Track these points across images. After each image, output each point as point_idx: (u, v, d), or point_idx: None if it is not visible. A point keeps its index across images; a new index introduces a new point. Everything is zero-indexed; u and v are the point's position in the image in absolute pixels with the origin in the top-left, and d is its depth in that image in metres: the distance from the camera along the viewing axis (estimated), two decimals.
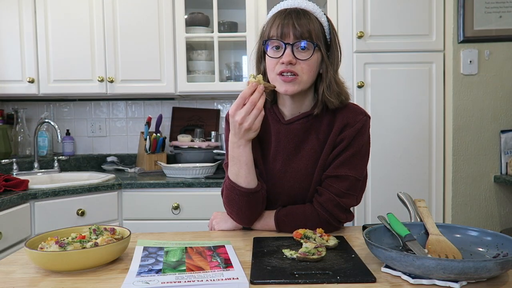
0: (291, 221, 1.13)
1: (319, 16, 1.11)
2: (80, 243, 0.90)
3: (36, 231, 1.98)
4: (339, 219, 1.14)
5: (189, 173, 2.32)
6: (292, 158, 1.17)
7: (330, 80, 1.12)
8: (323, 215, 1.12)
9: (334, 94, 1.12)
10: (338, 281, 0.77)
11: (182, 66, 2.50)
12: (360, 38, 2.20)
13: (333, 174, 1.13)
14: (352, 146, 1.13)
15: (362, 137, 1.14)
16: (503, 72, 2.17)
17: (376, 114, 2.23)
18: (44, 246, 0.89)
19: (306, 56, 1.07)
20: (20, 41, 2.42)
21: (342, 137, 1.13)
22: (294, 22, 1.06)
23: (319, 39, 1.08)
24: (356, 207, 2.24)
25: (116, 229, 0.99)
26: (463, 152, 2.19)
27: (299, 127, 1.17)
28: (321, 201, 1.13)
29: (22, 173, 2.46)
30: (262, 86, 1.02)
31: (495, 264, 0.71)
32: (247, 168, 1.08)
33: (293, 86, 1.09)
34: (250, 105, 1.00)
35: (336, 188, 1.12)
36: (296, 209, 1.15)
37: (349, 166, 1.12)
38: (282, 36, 1.07)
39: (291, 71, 1.07)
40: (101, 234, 0.96)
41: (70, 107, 2.89)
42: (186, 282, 0.76)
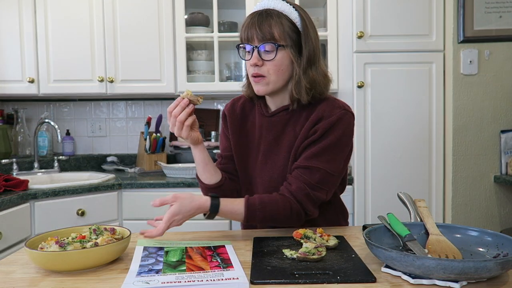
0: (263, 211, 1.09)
1: (289, 14, 1.13)
2: (80, 243, 0.89)
3: (36, 231, 1.97)
4: (307, 211, 1.12)
5: (189, 173, 2.32)
6: (272, 149, 1.22)
7: (299, 77, 1.14)
8: (295, 205, 1.11)
9: (304, 91, 1.14)
10: (338, 281, 0.77)
11: (182, 66, 2.50)
12: (360, 38, 2.20)
13: (304, 165, 1.12)
14: (326, 139, 1.12)
15: (337, 131, 1.13)
16: (503, 72, 2.17)
17: (376, 114, 2.23)
18: (44, 246, 0.89)
19: (270, 57, 1.11)
20: (20, 41, 2.42)
21: (315, 128, 1.13)
22: (256, 26, 1.10)
23: (284, 39, 1.11)
24: (356, 207, 2.24)
25: (116, 229, 0.99)
26: (463, 152, 2.19)
27: (279, 120, 1.21)
28: (291, 190, 1.11)
29: (22, 173, 2.46)
30: (186, 100, 1.11)
31: (495, 264, 0.71)
32: (202, 167, 1.22)
33: (262, 86, 1.14)
34: (173, 118, 1.12)
35: (307, 179, 1.11)
36: (268, 197, 1.12)
37: (321, 158, 1.12)
38: (248, 39, 1.13)
39: (259, 74, 1.13)
40: (101, 234, 0.96)
41: (70, 107, 2.89)
42: (186, 282, 0.76)
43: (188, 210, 1.04)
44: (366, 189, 2.25)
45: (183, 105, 1.11)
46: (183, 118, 1.11)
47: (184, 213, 1.04)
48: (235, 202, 1.10)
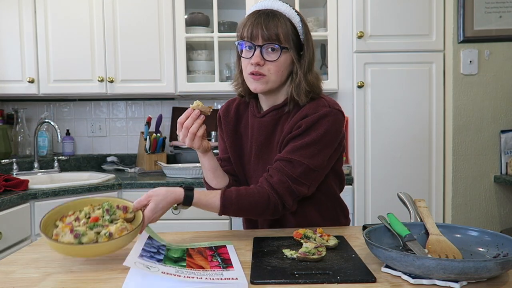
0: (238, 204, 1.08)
1: (291, 17, 1.14)
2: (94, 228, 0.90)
3: (36, 231, 1.97)
4: (285, 205, 1.12)
5: (189, 173, 2.32)
6: (263, 150, 1.23)
7: (300, 80, 1.16)
8: (273, 197, 1.10)
9: (303, 93, 1.16)
10: (338, 281, 0.77)
11: (182, 66, 2.50)
12: (360, 38, 2.20)
13: (286, 158, 1.12)
14: (310, 134, 1.12)
15: (321, 127, 1.12)
16: (503, 72, 2.17)
17: (376, 114, 2.23)
18: (59, 233, 0.89)
19: (273, 58, 1.12)
20: (20, 41, 2.42)
21: (299, 123, 1.14)
22: (262, 25, 1.11)
23: (287, 41, 1.13)
24: (356, 207, 2.24)
25: (129, 207, 1.00)
26: (463, 152, 2.19)
27: (269, 120, 1.22)
28: (272, 182, 1.11)
29: (22, 173, 2.46)
30: (197, 111, 1.13)
31: (495, 264, 0.71)
32: (211, 173, 1.25)
33: (261, 84, 1.15)
34: (184, 130, 1.14)
35: (288, 172, 1.11)
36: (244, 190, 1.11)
37: (304, 153, 1.11)
38: (251, 37, 1.12)
39: (259, 72, 1.13)
40: (114, 214, 0.96)
41: (70, 107, 2.89)
42: (186, 277, 0.76)
43: (165, 206, 1.03)
44: (366, 189, 2.25)
45: (194, 116, 1.13)
46: (195, 129, 1.13)
47: (160, 209, 1.03)
48: (211, 195, 1.09)
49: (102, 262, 0.92)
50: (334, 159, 1.21)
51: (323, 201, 1.25)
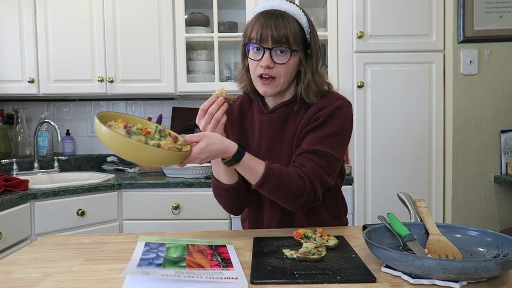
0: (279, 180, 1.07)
1: (299, 18, 1.14)
2: (145, 137, 0.91)
3: (36, 231, 1.97)
4: (316, 195, 1.12)
5: (189, 173, 2.32)
6: (274, 145, 1.22)
7: (309, 82, 1.16)
8: (308, 185, 1.09)
9: (313, 94, 1.17)
10: (338, 281, 0.77)
11: (182, 66, 2.50)
12: (360, 38, 2.20)
13: (312, 149, 1.12)
14: (330, 125, 1.14)
15: (340, 118, 1.15)
16: (503, 72, 2.17)
17: (376, 114, 2.23)
18: (113, 125, 0.90)
19: (283, 60, 1.12)
20: (20, 41, 2.42)
21: (317, 115, 1.15)
22: (272, 27, 1.09)
23: (297, 43, 1.12)
24: (356, 207, 2.24)
25: (179, 138, 1.00)
26: (463, 152, 2.19)
27: (279, 116, 1.22)
28: (305, 171, 1.10)
29: (22, 173, 2.46)
30: (222, 98, 1.11)
31: (495, 264, 0.71)
32: (224, 168, 1.16)
33: (271, 88, 1.15)
34: (208, 116, 1.10)
35: (317, 163, 1.11)
36: (286, 169, 1.10)
37: (328, 144, 1.12)
38: (261, 40, 1.11)
39: (269, 75, 1.13)
40: (164, 137, 0.96)
41: (70, 107, 2.89)
42: (186, 277, 0.76)
43: (214, 151, 1.00)
44: (366, 189, 2.25)
45: (219, 103, 1.11)
46: (219, 116, 1.10)
47: (209, 152, 0.99)
48: (257, 160, 1.07)
49: (102, 262, 0.92)
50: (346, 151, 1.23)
51: (329, 198, 1.24)
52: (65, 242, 1.10)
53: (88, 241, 1.10)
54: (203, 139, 0.99)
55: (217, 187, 1.22)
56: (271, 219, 1.26)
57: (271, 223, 1.26)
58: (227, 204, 1.24)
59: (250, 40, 1.14)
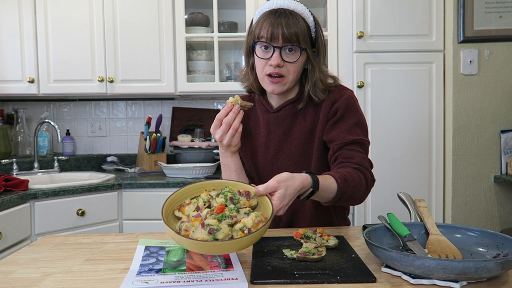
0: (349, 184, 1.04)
1: (306, 17, 1.15)
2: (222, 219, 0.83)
3: (36, 231, 1.97)
4: (374, 179, 1.14)
5: (189, 173, 2.32)
6: (283, 144, 1.22)
7: (316, 80, 1.17)
8: (368, 175, 1.11)
9: (319, 91, 1.17)
10: (338, 281, 0.77)
11: (182, 66, 2.50)
12: (360, 38, 2.20)
13: (349, 140, 1.13)
14: (351, 117, 1.16)
15: (355, 109, 1.18)
16: (503, 72, 2.17)
17: (376, 114, 2.23)
18: (189, 228, 0.82)
19: (293, 59, 1.12)
20: (20, 41, 2.42)
21: (334, 109, 1.16)
22: (283, 25, 1.09)
23: (305, 42, 1.13)
24: (356, 207, 2.24)
25: (251, 191, 0.91)
26: (463, 152, 2.19)
27: (286, 114, 1.22)
28: (356, 162, 1.11)
29: (22, 173, 2.46)
30: (238, 106, 1.09)
31: (495, 264, 0.71)
32: (237, 174, 1.20)
33: (279, 86, 1.15)
34: (225, 125, 1.10)
35: (361, 151, 1.14)
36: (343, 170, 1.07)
37: (358, 132, 1.15)
38: (271, 38, 1.10)
39: (278, 73, 1.13)
40: (238, 202, 0.88)
41: (70, 107, 2.89)
42: (186, 282, 0.76)
43: (293, 193, 0.92)
44: None
45: (236, 111, 1.10)
46: (237, 125, 1.10)
47: (289, 196, 0.91)
48: (326, 178, 1.01)
49: (102, 262, 0.92)
50: None
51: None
52: (65, 242, 1.10)
53: (88, 241, 1.10)
54: (279, 187, 0.90)
55: None
56: (279, 222, 1.27)
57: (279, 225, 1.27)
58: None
59: (259, 38, 1.13)
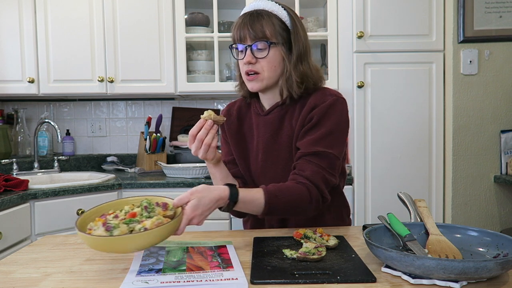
0: (282, 198, 1.05)
1: (278, 13, 1.17)
2: (129, 223, 0.85)
3: (36, 231, 1.97)
4: (324, 196, 1.11)
5: (189, 173, 2.32)
6: (271, 146, 1.23)
7: (289, 73, 1.17)
8: (313, 190, 1.09)
9: (295, 85, 1.17)
10: (338, 281, 0.77)
11: (182, 66, 2.50)
12: (360, 38, 2.20)
13: (311, 151, 1.12)
14: (325, 125, 1.13)
15: (334, 116, 1.14)
16: (503, 72, 2.17)
17: (376, 114, 2.23)
18: (92, 227, 0.86)
19: (263, 55, 1.15)
20: (20, 41, 2.42)
21: (311, 115, 1.15)
22: (248, 26, 1.15)
23: (275, 36, 1.15)
24: (356, 207, 2.24)
25: (169, 203, 0.93)
26: (463, 152, 2.19)
27: (274, 117, 1.23)
28: (306, 175, 1.09)
29: (22, 173, 2.46)
30: (210, 122, 1.10)
31: (495, 264, 0.71)
32: (222, 182, 1.21)
33: (256, 83, 1.18)
34: (198, 142, 1.10)
35: (319, 164, 1.11)
36: (284, 185, 1.09)
37: (326, 144, 1.12)
38: (241, 39, 1.17)
39: (253, 70, 1.16)
40: (152, 211, 0.90)
41: (70, 107, 2.89)
42: (185, 282, 0.76)
43: (207, 203, 0.94)
44: (366, 189, 2.25)
45: (208, 127, 1.10)
46: (209, 140, 1.10)
47: (203, 207, 0.93)
48: (253, 191, 1.04)
49: (102, 262, 0.92)
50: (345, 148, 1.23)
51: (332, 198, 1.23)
52: (65, 242, 1.10)
53: None
54: (191, 197, 0.93)
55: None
56: (272, 222, 1.27)
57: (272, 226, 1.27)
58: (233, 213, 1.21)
59: (233, 41, 1.20)
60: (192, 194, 0.93)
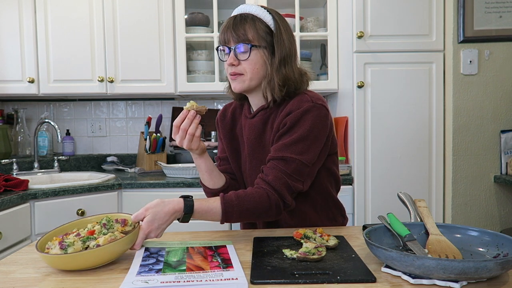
0: (240, 206, 1.07)
1: (262, 16, 1.19)
2: (85, 241, 0.89)
3: (36, 231, 1.97)
4: (285, 201, 1.11)
5: (189, 173, 2.32)
6: (255, 149, 1.25)
7: (271, 76, 1.18)
8: (273, 195, 1.09)
9: (277, 88, 1.17)
10: (338, 281, 0.77)
11: (182, 66, 2.50)
12: (360, 38, 2.20)
13: (279, 156, 1.12)
14: (296, 131, 1.13)
15: (306, 122, 1.13)
16: (503, 72, 2.17)
17: (376, 114, 2.23)
18: (50, 246, 0.89)
19: (245, 57, 1.17)
20: (20, 41, 2.42)
21: (285, 121, 1.16)
22: (232, 29, 1.18)
23: (257, 40, 1.17)
24: (356, 207, 2.24)
25: (128, 220, 0.98)
26: (463, 152, 2.19)
27: (258, 120, 1.25)
28: (268, 180, 1.10)
29: (22, 173, 2.46)
30: (193, 112, 1.12)
31: (495, 264, 0.71)
32: (208, 174, 1.25)
33: (238, 83, 1.19)
34: (182, 132, 1.13)
35: (283, 169, 1.11)
36: (243, 192, 1.10)
37: (294, 149, 1.12)
38: (225, 42, 1.20)
39: (236, 72, 1.18)
40: (111, 228, 0.94)
41: (70, 107, 2.89)
42: (185, 282, 0.76)
43: (163, 217, 0.99)
44: (366, 189, 2.24)
45: (191, 117, 1.12)
46: (193, 130, 1.13)
47: (159, 220, 0.98)
48: (210, 201, 1.07)
49: None
50: (325, 154, 1.21)
51: (318, 200, 1.25)
52: None
53: None
54: (146, 213, 0.98)
55: (207, 192, 1.29)
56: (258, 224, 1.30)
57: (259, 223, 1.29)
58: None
59: (219, 43, 1.22)
60: (147, 210, 0.99)
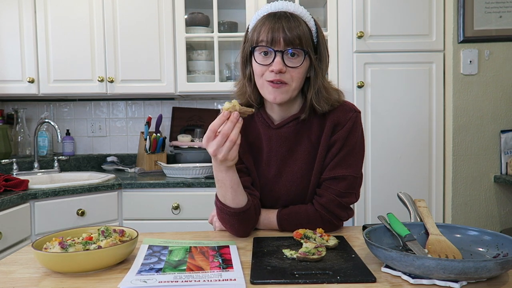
0: (294, 220, 1.13)
1: (307, 20, 1.07)
2: (85, 245, 0.89)
3: (36, 231, 1.97)
4: (341, 218, 1.15)
5: (189, 173, 2.32)
6: (286, 161, 1.16)
7: (319, 87, 1.09)
8: (325, 215, 1.12)
9: (323, 100, 1.10)
10: (338, 281, 0.77)
11: (182, 66, 2.50)
12: (360, 38, 2.20)
13: (331, 176, 1.12)
14: (346, 146, 1.12)
15: (354, 135, 1.12)
16: (503, 72, 2.17)
17: (376, 114, 2.23)
18: (48, 246, 0.88)
19: (296, 64, 1.04)
20: (20, 41, 2.42)
21: (335, 138, 1.11)
22: (284, 28, 1.01)
23: (308, 45, 1.05)
24: (356, 207, 2.24)
25: (126, 231, 0.98)
26: (463, 152, 2.19)
27: (290, 131, 1.15)
28: (322, 203, 1.13)
29: (22, 173, 2.46)
30: (236, 114, 0.93)
31: (495, 264, 0.71)
32: (233, 191, 1.03)
33: (281, 94, 1.05)
34: (221, 137, 0.93)
35: (335, 190, 1.12)
36: (298, 208, 1.14)
37: (345, 165, 1.12)
38: (272, 42, 1.02)
39: (281, 80, 1.03)
40: (109, 235, 0.94)
41: (70, 107, 2.89)
42: (183, 282, 0.76)
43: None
44: (366, 189, 2.24)
45: (234, 120, 0.93)
46: (235, 136, 0.93)
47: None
48: (268, 214, 1.14)
49: None
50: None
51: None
52: None
53: None
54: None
55: (223, 211, 1.07)
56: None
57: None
58: (235, 227, 1.09)
59: (258, 43, 1.04)
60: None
